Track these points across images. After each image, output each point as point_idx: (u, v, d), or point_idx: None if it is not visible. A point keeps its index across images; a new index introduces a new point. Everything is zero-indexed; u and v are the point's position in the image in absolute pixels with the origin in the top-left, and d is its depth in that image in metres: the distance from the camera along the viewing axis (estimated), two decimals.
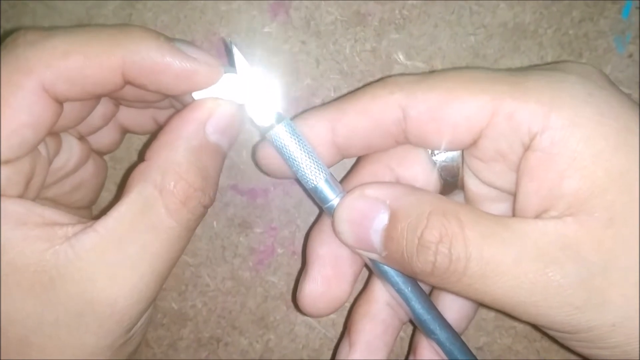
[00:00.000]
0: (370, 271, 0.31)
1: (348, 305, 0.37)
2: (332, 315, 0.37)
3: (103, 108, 0.29)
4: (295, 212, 0.36)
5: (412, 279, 0.28)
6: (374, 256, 0.27)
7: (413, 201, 0.25)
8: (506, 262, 0.23)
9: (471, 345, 0.36)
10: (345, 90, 0.35)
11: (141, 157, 0.27)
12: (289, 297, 0.37)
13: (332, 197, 0.27)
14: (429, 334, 0.29)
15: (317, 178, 0.27)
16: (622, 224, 0.22)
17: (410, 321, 0.31)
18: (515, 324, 0.36)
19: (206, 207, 0.26)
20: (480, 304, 0.25)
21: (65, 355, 0.24)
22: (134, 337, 0.26)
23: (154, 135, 0.27)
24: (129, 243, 0.24)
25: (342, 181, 0.30)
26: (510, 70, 0.26)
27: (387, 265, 0.27)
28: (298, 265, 0.36)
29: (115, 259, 0.24)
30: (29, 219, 0.24)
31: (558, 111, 0.23)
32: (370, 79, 0.35)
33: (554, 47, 0.34)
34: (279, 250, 0.36)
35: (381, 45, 0.35)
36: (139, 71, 0.24)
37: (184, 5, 0.35)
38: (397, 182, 0.29)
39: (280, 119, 0.27)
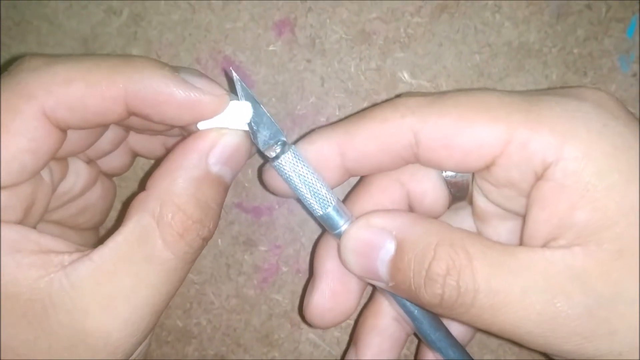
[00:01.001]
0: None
1: (352, 322, 0.37)
2: (336, 334, 0.37)
3: (112, 134, 0.29)
4: (300, 230, 0.36)
5: None
6: (380, 284, 0.27)
7: (419, 232, 0.25)
8: (514, 293, 0.23)
9: None
10: (350, 109, 0.35)
11: (142, 185, 0.27)
12: (294, 315, 0.37)
13: (341, 223, 0.27)
14: (437, 352, 0.29)
15: (325, 206, 0.27)
16: (630, 256, 0.22)
17: (415, 334, 0.31)
18: None
19: (205, 240, 0.25)
20: (489, 333, 0.25)
21: None
22: None
23: (157, 163, 0.27)
24: (124, 274, 0.24)
25: (350, 193, 0.30)
26: (522, 93, 0.26)
27: (395, 293, 0.27)
28: (302, 283, 0.36)
29: (110, 290, 0.23)
30: (23, 246, 0.24)
31: (572, 142, 0.23)
32: (375, 97, 0.35)
33: (558, 66, 0.34)
34: (284, 269, 0.36)
35: (386, 63, 0.35)
36: (142, 102, 0.24)
37: (188, 24, 0.35)
38: (403, 210, 0.28)
39: (285, 148, 0.27)
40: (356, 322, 0.36)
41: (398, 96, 0.27)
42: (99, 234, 0.33)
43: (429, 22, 0.34)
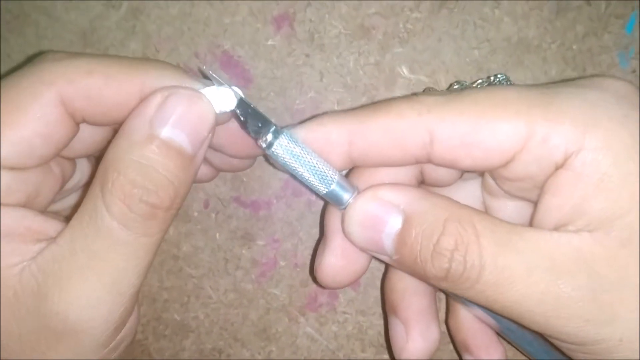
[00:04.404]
0: None
1: (349, 316, 0.37)
2: (333, 328, 0.37)
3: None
4: (298, 224, 0.36)
5: None
6: (384, 258, 0.26)
7: (428, 207, 0.25)
8: (519, 270, 0.23)
9: None
10: (349, 104, 0.35)
11: None
12: (291, 309, 0.37)
13: (346, 197, 0.27)
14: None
15: (328, 184, 0.26)
16: (638, 244, 0.22)
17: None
18: None
19: (154, 207, 0.23)
20: (490, 310, 0.25)
21: None
22: (111, 354, 0.26)
23: None
24: (79, 252, 0.23)
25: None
26: (540, 86, 0.25)
27: (397, 268, 0.27)
28: (300, 277, 0.37)
29: (66, 271, 0.23)
30: (11, 231, 0.24)
31: (593, 132, 0.23)
32: (374, 93, 0.35)
33: (557, 62, 0.34)
34: (282, 263, 0.36)
35: (385, 59, 0.35)
36: None
37: (187, 18, 0.35)
38: (410, 185, 0.28)
39: (277, 134, 0.26)
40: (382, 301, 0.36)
41: (414, 94, 0.27)
42: None
43: (428, 17, 0.34)
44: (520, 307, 0.23)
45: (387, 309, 0.31)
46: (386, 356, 0.37)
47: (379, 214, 0.25)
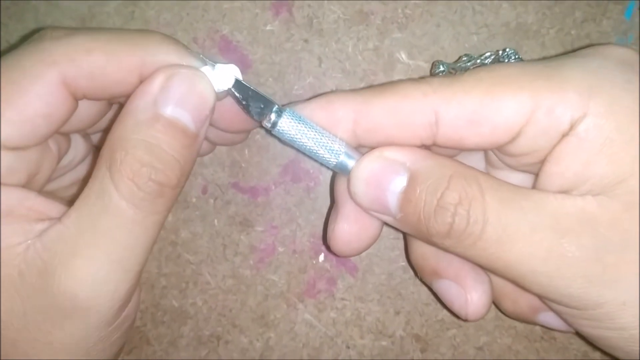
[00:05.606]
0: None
1: (348, 302, 0.37)
2: (332, 314, 0.37)
3: (111, 112, 0.29)
4: (296, 210, 0.36)
5: None
6: (387, 219, 0.26)
7: (433, 165, 0.25)
8: (522, 229, 0.23)
9: (471, 345, 0.36)
10: (347, 89, 0.35)
11: None
12: (290, 295, 0.37)
13: None
14: None
15: (337, 154, 0.27)
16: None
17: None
18: (516, 323, 0.36)
19: (162, 185, 0.24)
20: (492, 272, 0.25)
21: (36, 349, 0.24)
22: (115, 333, 0.26)
23: None
24: (86, 232, 0.23)
25: None
26: (543, 60, 0.26)
27: (400, 229, 0.27)
28: (299, 263, 0.36)
29: (72, 250, 0.23)
30: (14, 210, 0.24)
31: (597, 97, 0.23)
32: (373, 78, 0.35)
33: (556, 47, 0.34)
34: (280, 249, 0.36)
35: (383, 44, 0.35)
36: None
37: (186, 3, 0.35)
38: (416, 147, 0.28)
39: (280, 113, 0.26)
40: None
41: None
42: None
43: (426, 2, 0.34)
44: (522, 266, 0.23)
45: (427, 278, 0.30)
46: (384, 342, 0.36)
47: (384, 172, 0.26)
